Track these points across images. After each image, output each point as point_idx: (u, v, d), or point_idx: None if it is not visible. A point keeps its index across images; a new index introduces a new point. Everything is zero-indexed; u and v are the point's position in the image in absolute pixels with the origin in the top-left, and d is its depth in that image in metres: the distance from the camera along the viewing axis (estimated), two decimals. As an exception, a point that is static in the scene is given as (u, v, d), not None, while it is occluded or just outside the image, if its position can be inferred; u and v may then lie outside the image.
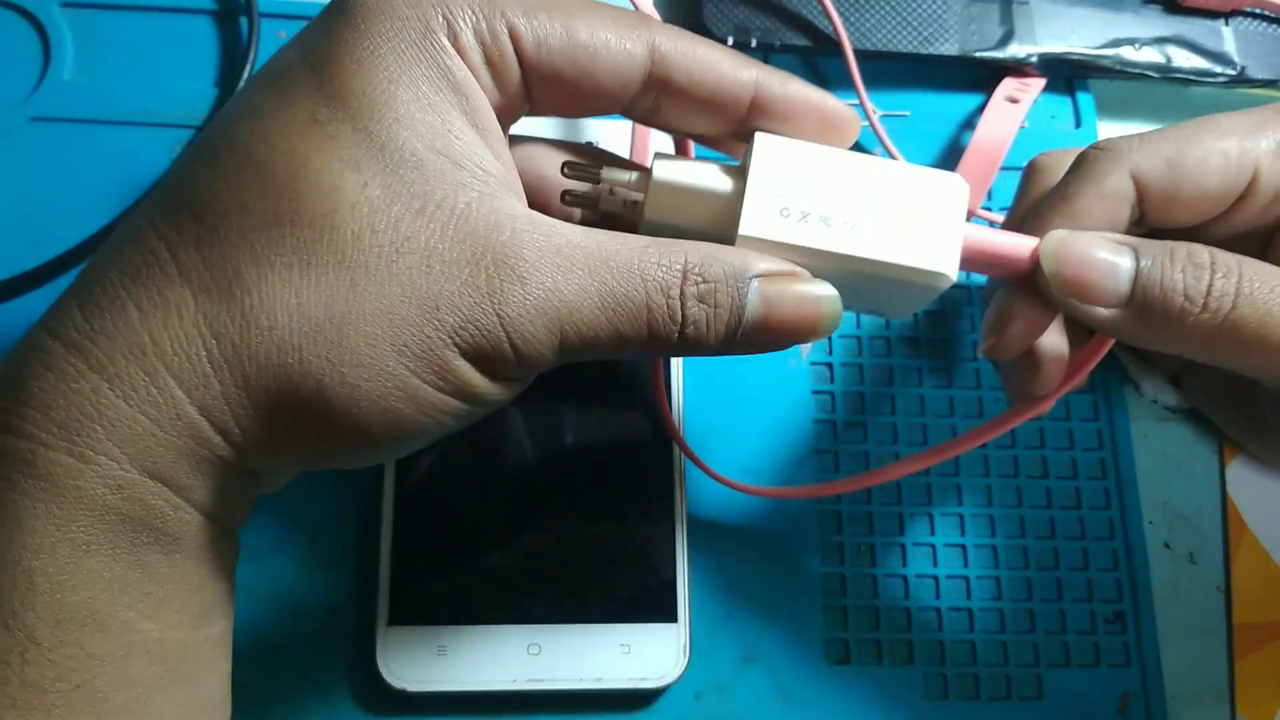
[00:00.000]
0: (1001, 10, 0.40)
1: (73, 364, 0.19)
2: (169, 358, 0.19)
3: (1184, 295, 0.24)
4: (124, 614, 0.19)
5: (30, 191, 0.35)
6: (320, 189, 0.20)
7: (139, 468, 0.19)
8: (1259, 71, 0.40)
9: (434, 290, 0.20)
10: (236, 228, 0.20)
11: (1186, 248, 0.24)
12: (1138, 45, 0.40)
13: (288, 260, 0.19)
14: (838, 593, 0.33)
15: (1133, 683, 0.33)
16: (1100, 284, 0.24)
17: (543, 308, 0.20)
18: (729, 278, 0.22)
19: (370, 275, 0.20)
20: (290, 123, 0.20)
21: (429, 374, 0.20)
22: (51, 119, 0.36)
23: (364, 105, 0.20)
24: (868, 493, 0.34)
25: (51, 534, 0.19)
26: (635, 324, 0.21)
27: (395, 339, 0.20)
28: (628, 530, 0.32)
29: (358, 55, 0.21)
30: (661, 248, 0.22)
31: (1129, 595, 0.34)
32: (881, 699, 0.32)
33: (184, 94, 0.36)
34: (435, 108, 0.21)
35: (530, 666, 0.30)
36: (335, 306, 0.19)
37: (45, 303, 0.33)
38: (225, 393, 0.20)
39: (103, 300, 0.20)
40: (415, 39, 0.21)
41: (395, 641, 0.30)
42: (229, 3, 0.38)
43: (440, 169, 0.20)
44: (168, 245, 0.20)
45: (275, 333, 0.19)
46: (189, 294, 0.19)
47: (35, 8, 0.37)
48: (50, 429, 0.19)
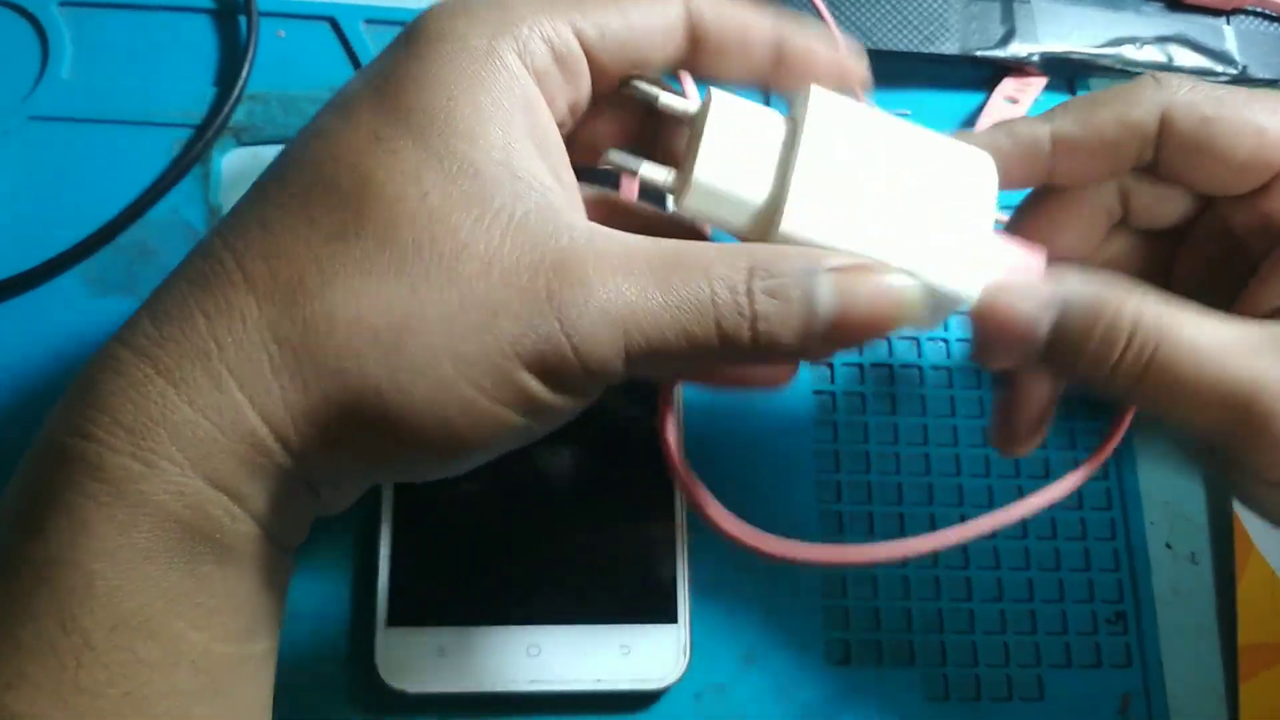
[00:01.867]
0: (1003, 9, 0.40)
1: (141, 369, 0.20)
2: (232, 362, 0.20)
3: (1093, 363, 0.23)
4: (175, 623, 0.20)
5: (29, 191, 0.35)
6: (383, 201, 0.20)
7: (200, 474, 0.19)
8: (1260, 70, 0.40)
9: (493, 296, 0.20)
10: (303, 239, 0.20)
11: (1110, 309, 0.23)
12: (1139, 44, 0.40)
13: (350, 270, 0.20)
14: (838, 593, 0.33)
15: (1134, 683, 0.33)
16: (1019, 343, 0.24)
17: (605, 311, 0.20)
18: (798, 272, 0.22)
19: (430, 283, 0.20)
20: (353, 141, 0.21)
21: (487, 383, 0.20)
22: (50, 118, 0.36)
23: (423, 121, 0.21)
24: (868, 493, 0.34)
25: (114, 538, 0.19)
26: (703, 323, 0.21)
27: (453, 347, 0.20)
28: (628, 530, 0.32)
29: (418, 77, 0.21)
30: (727, 248, 0.22)
31: (1130, 596, 0.34)
32: (882, 699, 0.32)
33: (183, 93, 0.36)
34: (495, 121, 0.21)
35: (530, 667, 0.30)
36: (394, 314, 0.20)
37: (46, 302, 0.34)
38: (285, 398, 0.20)
39: (171, 309, 0.20)
40: (478, 57, 0.21)
41: (394, 643, 0.30)
42: (228, 2, 0.38)
43: (499, 178, 0.21)
44: (235, 255, 0.20)
45: (334, 339, 0.20)
46: (253, 300, 0.20)
47: (34, 7, 0.37)
48: (117, 433, 0.19)
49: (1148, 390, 0.23)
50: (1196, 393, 0.23)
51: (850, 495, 0.34)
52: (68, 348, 0.33)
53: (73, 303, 0.34)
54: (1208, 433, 0.24)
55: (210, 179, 0.36)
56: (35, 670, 0.18)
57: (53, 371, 0.33)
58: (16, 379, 0.33)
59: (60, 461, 0.19)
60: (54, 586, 0.19)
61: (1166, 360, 0.23)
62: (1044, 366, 0.24)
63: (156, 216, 0.35)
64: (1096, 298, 0.24)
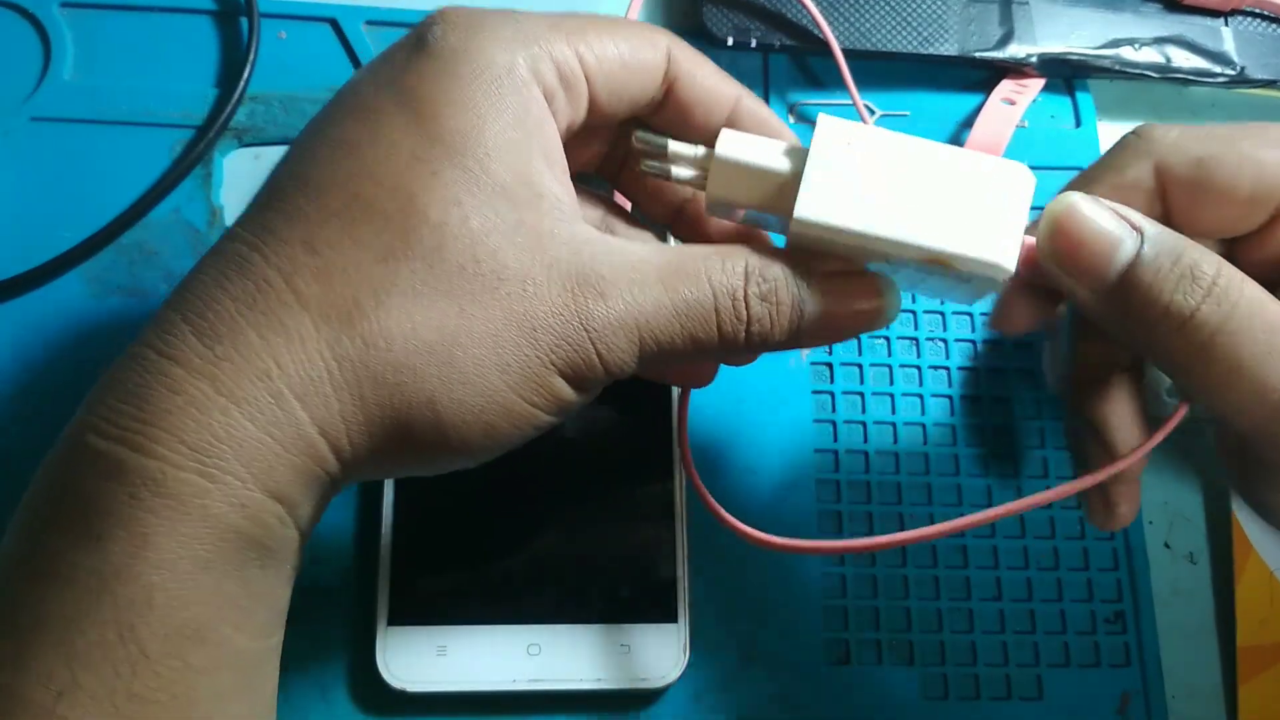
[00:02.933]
0: (1001, 10, 0.40)
1: (200, 388, 0.20)
2: (293, 381, 0.21)
3: (1167, 307, 0.23)
4: (222, 628, 0.20)
5: (30, 191, 0.35)
6: (428, 224, 0.21)
7: (260, 486, 0.20)
8: (1258, 71, 0.40)
9: (531, 312, 0.22)
10: (353, 262, 0.21)
11: (1195, 255, 0.23)
12: (1137, 45, 0.40)
13: (402, 289, 0.21)
14: (837, 593, 0.33)
15: (1133, 682, 0.33)
16: (1092, 262, 0.23)
17: (624, 320, 0.22)
18: (788, 276, 0.24)
19: (475, 302, 0.21)
20: (392, 161, 0.22)
21: (526, 390, 0.22)
22: (52, 119, 0.36)
23: (460, 143, 0.22)
24: (867, 492, 0.34)
25: (175, 550, 0.20)
26: (706, 327, 0.23)
27: (499, 359, 0.22)
28: (628, 530, 0.32)
29: (451, 96, 0.22)
30: (724, 254, 0.24)
31: (1129, 595, 0.34)
32: (881, 699, 0.32)
33: (184, 94, 0.36)
34: (517, 144, 0.22)
35: (530, 666, 0.30)
36: (446, 331, 0.21)
37: (47, 303, 0.34)
38: (343, 411, 0.21)
39: (220, 327, 0.21)
40: (500, 78, 0.23)
41: (395, 641, 0.30)
42: (229, 3, 0.38)
43: (527, 199, 0.22)
44: (283, 276, 0.21)
45: (393, 355, 0.21)
46: (309, 320, 0.21)
47: (36, 8, 0.37)
48: (180, 449, 0.20)
49: (1216, 353, 0.22)
50: (1259, 373, 0.22)
51: (850, 495, 0.34)
52: (70, 348, 0.33)
53: (75, 303, 0.34)
54: (1249, 425, 0.23)
55: (212, 180, 0.36)
56: (89, 679, 0.19)
57: (55, 371, 0.33)
58: (18, 379, 0.33)
59: (117, 473, 0.20)
60: (114, 598, 0.19)
61: (1245, 317, 0.22)
62: (1104, 307, 0.23)
63: (158, 217, 0.35)
64: (1179, 237, 0.23)
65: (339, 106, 0.23)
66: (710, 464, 0.34)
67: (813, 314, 0.24)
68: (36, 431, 0.32)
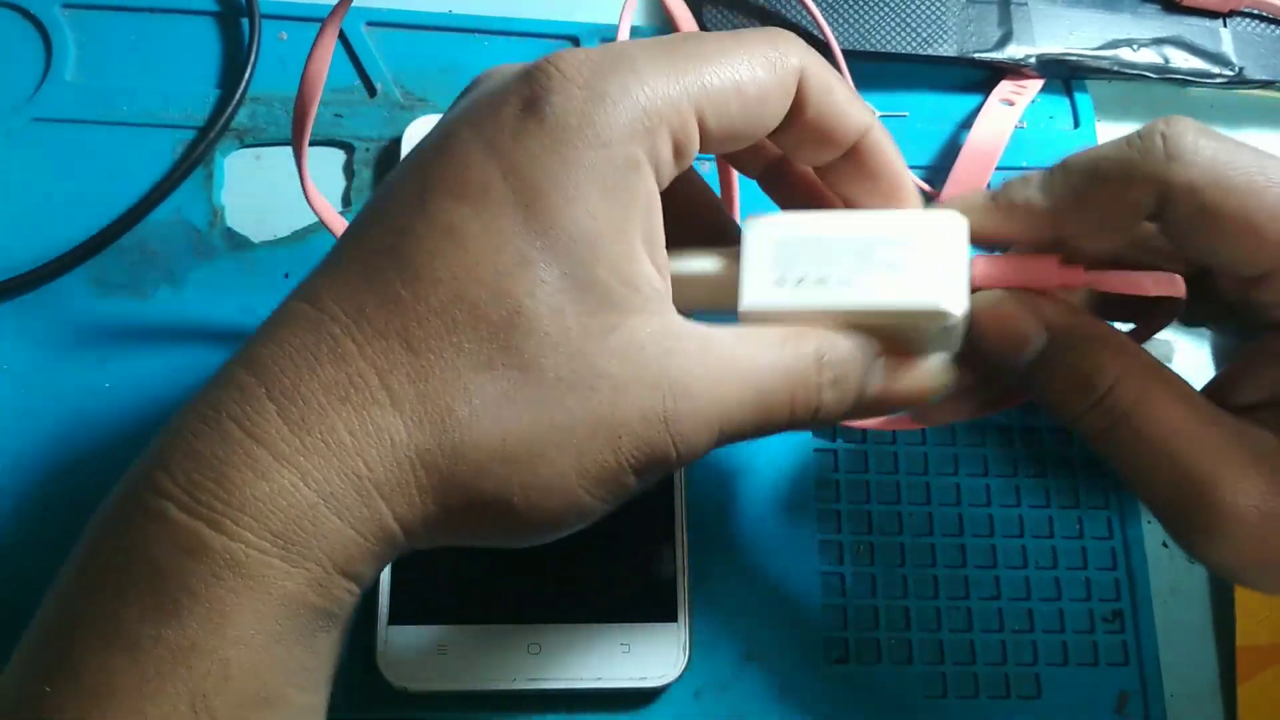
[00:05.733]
0: (1000, 12, 0.40)
1: (288, 479, 0.20)
2: (381, 483, 0.21)
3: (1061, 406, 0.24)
4: (289, 691, 0.21)
5: (32, 192, 0.35)
6: (532, 336, 0.21)
7: (339, 571, 0.21)
8: (1257, 72, 0.40)
9: (618, 420, 0.21)
10: (452, 367, 0.21)
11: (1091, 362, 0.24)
12: (1136, 46, 0.40)
13: (497, 400, 0.21)
14: (837, 592, 0.33)
15: (1131, 682, 0.33)
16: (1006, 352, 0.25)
17: (709, 420, 0.22)
18: (852, 359, 0.24)
19: (566, 411, 0.21)
20: (500, 260, 0.21)
21: (600, 490, 0.22)
22: (53, 120, 0.36)
23: (569, 246, 0.21)
24: (866, 491, 0.34)
25: (252, 626, 0.20)
26: (779, 415, 0.23)
27: (580, 466, 0.21)
28: (628, 530, 0.32)
29: (564, 187, 0.21)
30: (794, 339, 0.23)
31: (1127, 594, 0.34)
32: (881, 698, 0.32)
33: (185, 95, 0.36)
34: (625, 235, 0.22)
35: (530, 666, 0.30)
36: (534, 443, 0.21)
37: (49, 303, 0.34)
38: (425, 510, 0.21)
39: (310, 417, 0.20)
40: (617, 167, 0.21)
41: (395, 641, 0.30)
42: (230, 4, 0.38)
43: (626, 300, 0.22)
44: (378, 372, 0.21)
45: (479, 464, 0.21)
46: (401, 424, 0.21)
47: (37, 9, 0.37)
48: (266, 536, 0.20)
49: (1117, 441, 0.24)
50: (1160, 457, 0.23)
51: (850, 495, 0.34)
52: (71, 348, 0.33)
53: (77, 303, 0.34)
54: (1164, 502, 0.24)
55: (213, 180, 0.36)
56: None
57: (56, 372, 0.33)
58: (19, 379, 0.33)
59: (198, 550, 0.20)
60: (190, 670, 0.19)
61: (1146, 414, 0.23)
62: (1020, 382, 0.25)
63: (160, 218, 0.35)
64: (1088, 341, 0.24)
65: (441, 173, 0.22)
66: (710, 464, 0.34)
67: (873, 395, 0.24)
68: (37, 431, 0.32)
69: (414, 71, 0.38)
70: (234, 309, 0.34)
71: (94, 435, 0.32)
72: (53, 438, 0.32)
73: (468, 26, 0.39)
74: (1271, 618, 0.34)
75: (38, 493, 0.32)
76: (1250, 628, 0.34)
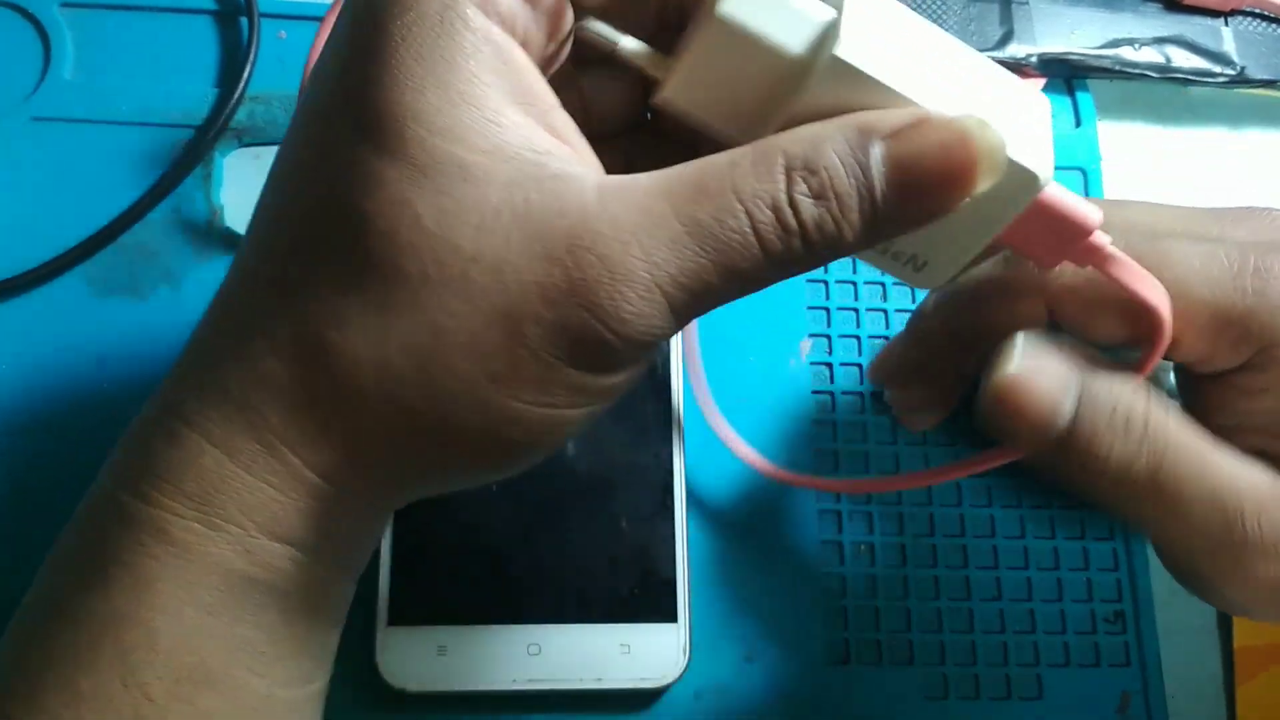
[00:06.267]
0: (1001, 10, 0.40)
1: (194, 440, 0.20)
2: (276, 428, 0.20)
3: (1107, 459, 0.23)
4: (236, 672, 0.20)
5: (31, 192, 0.35)
6: (381, 238, 0.19)
7: (265, 531, 0.20)
8: (1258, 71, 0.40)
9: (513, 305, 0.19)
10: (314, 295, 0.19)
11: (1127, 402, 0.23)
12: (1137, 45, 0.40)
13: (366, 316, 0.19)
14: (838, 593, 0.33)
15: (1133, 682, 0.33)
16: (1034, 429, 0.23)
17: (637, 281, 0.19)
18: (844, 156, 0.19)
19: (446, 309, 0.19)
20: (337, 174, 0.19)
21: (532, 395, 0.19)
22: (52, 119, 0.36)
23: (396, 129, 0.19)
24: (868, 496, 0.34)
25: (179, 596, 0.19)
26: (746, 254, 0.19)
27: (486, 368, 0.19)
28: (628, 530, 0.32)
29: (377, 72, 0.19)
30: (753, 154, 0.19)
31: (1129, 595, 0.34)
32: (881, 699, 0.32)
33: (184, 94, 0.36)
34: (469, 97, 0.19)
35: (530, 666, 0.30)
36: (420, 351, 0.19)
37: (48, 303, 0.34)
38: (335, 451, 0.20)
39: (206, 379, 0.20)
40: (433, 26, 0.19)
41: (395, 641, 0.30)
42: (229, 3, 0.38)
43: (488, 170, 0.19)
44: (258, 318, 0.20)
45: (367, 390, 0.19)
46: (281, 366, 0.19)
47: (36, 8, 0.37)
48: (180, 499, 0.19)
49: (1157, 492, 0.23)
50: (1196, 501, 0.23)
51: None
52: (70, 348, 0.33)
53: (75, 303, 0.34)
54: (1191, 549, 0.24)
55: (212, 180, 0.36)
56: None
57: (54, 371, 0.33)
58: (18, 379, 0.33)
59: (122, 521, 0.20)
60: (116, 640, 0.19)
61: (1179, 456, 0.23)
62: (1048, 459, 0.24)
63: (158, 217, 0.35)
64: (1113, 379, 0.23)
65: (296, 111, 0.21)
66: (710, 464, 0.34)
67: (890, 195, 0.19)
68: (36, 431, 0.32)
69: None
70: (233, 309, 0.34)
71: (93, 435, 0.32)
72: (51, 438, 0.32)
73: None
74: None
75: (36, 493, 0.32)
76: (1248, 627, 0.34)
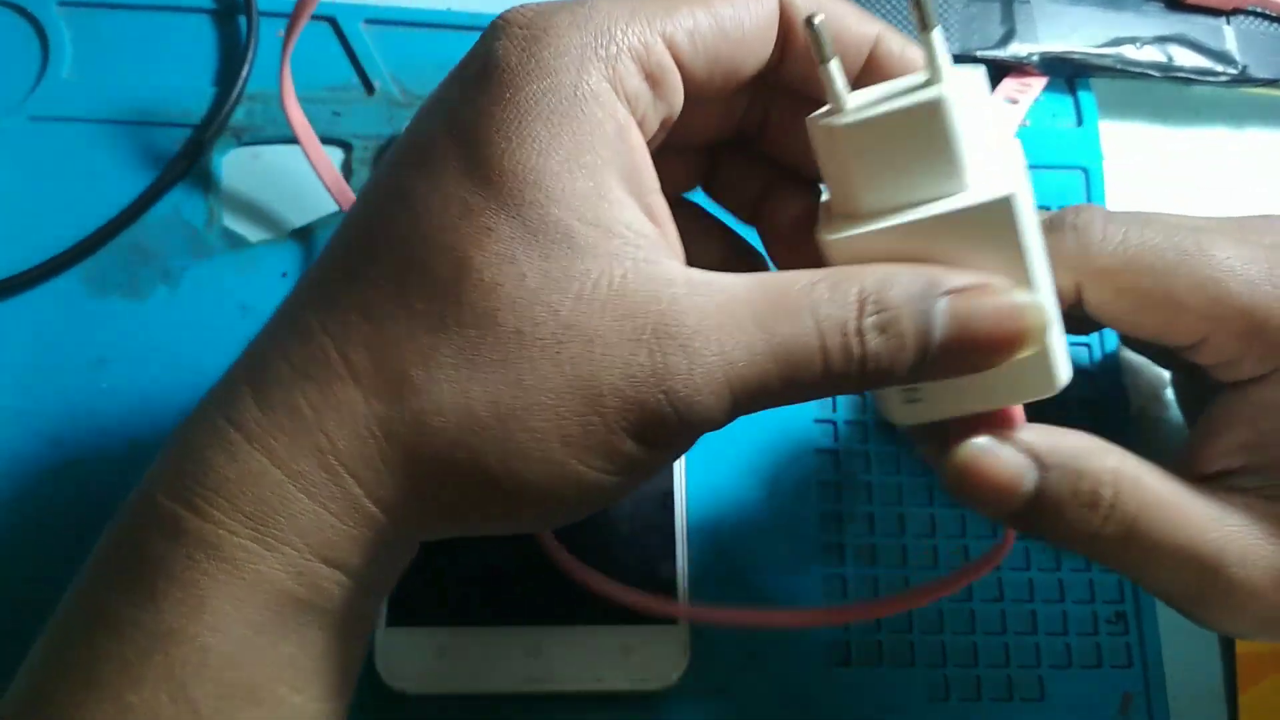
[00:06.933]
0: (1002, 9, 0.40)
1: (256, 458, 0.20)
2: (345, 457, 0.20)
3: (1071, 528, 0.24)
4: (278, 688, 0.20)
5: (29, 191, 0.35)
6: (481, 289, 0.20)
7: (318, 556, 0.20)
8: (1260, 70, 0.40)
9: (597, 377, 0.20)
10: (405, 331, 0.20)
11: (1092, 478, 0.23)
12: (1139, 44, 0.40)
13: (454, 361, 0.20)
14: (839, 593, 0.33)
15: (1135, 683, 0.33)
16: (998, 500, 0.24)
17: (710, 374, 0.20)
18: (911, 300, 0.21)
19: (534, 370, 0.20)
20: (445, 216, 0.20)
21: (595, 461, 0.20)
22: (50, 118, 0.36)
23: (515, 187, 0.20)
24: (868, 492, 0.34)
25: (229, 614, 0.19)
26: (810, 369, 0.20)
27: (561, 431, 0.20)
28: (628, 530, 0.32)
29: (505, 130, 0.20)
30: (833, 278, 0.21)
31: (1131, 596, 0.34)
32: (883, 700, 0.32)
33: (183, 93, 0.36)
34: (587, 169, 0.20)
35: (530, 668, 0.30)
36: (501, 405, 0.20)
37: (45, 302, 0.34)
38: (399, 486, 0.20)
39: (276, 394, 0.20)
40: (567, 96, 0.20)
41: (394, 643, 0.30)
42: (228, 2, 0.38)
43: (594, 242, 0.20)
44: (335, 343, 0.20)
45: (445, 434, 0.20)
46: (360, 395, 0.20)
47: (34, 6, 0.37)
48: (237, 517, 0.20)
49: (1129, 552, 0.24)
50: (1173, 555, 0.23)
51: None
52: (68, 347, 0.33)
53: (72, 303, 0.34)
54: (1178, 593, 0.24)
55: (210, 179, 0.35)
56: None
57: (53, 371, 0.33)
58: (16, 379, 0.33)
59: (174, 534, 0.20)
60: (167, 656, 0.19)
61: (1148, 522, 0.23)
62: (1019, 525, 0.24)
63: (156, 216, 0.35)
64: (1077, 456, 0.24)
65: (401, 144, 0.22)
66: (710, 464, 0.33)
67: (942, 344, 0.21)
68: (33, 432, 0.32)
69: (412, 69, 0.38)
70: (231, 308, 0.34)
71: (91, 435, 0.32)
72: (49, 438, 0.32)
73: (466, 24, 0.38)
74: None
75: (34, 493, 0.32)
76: None
